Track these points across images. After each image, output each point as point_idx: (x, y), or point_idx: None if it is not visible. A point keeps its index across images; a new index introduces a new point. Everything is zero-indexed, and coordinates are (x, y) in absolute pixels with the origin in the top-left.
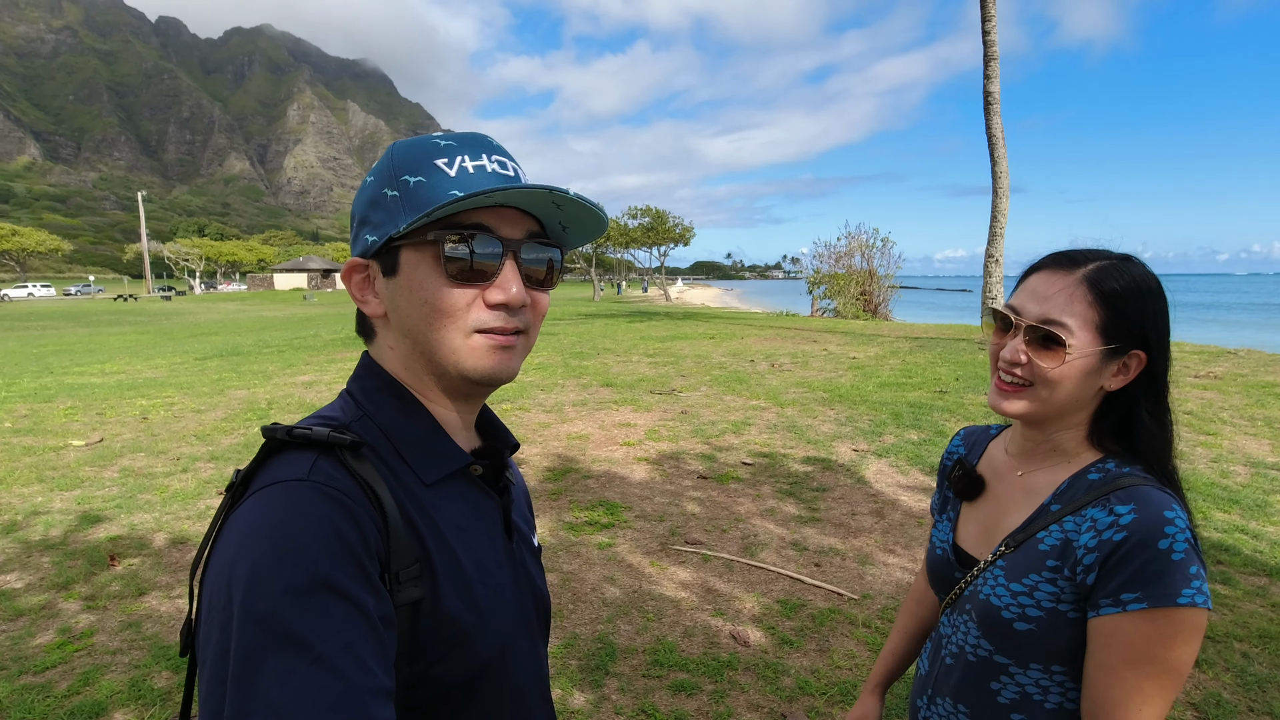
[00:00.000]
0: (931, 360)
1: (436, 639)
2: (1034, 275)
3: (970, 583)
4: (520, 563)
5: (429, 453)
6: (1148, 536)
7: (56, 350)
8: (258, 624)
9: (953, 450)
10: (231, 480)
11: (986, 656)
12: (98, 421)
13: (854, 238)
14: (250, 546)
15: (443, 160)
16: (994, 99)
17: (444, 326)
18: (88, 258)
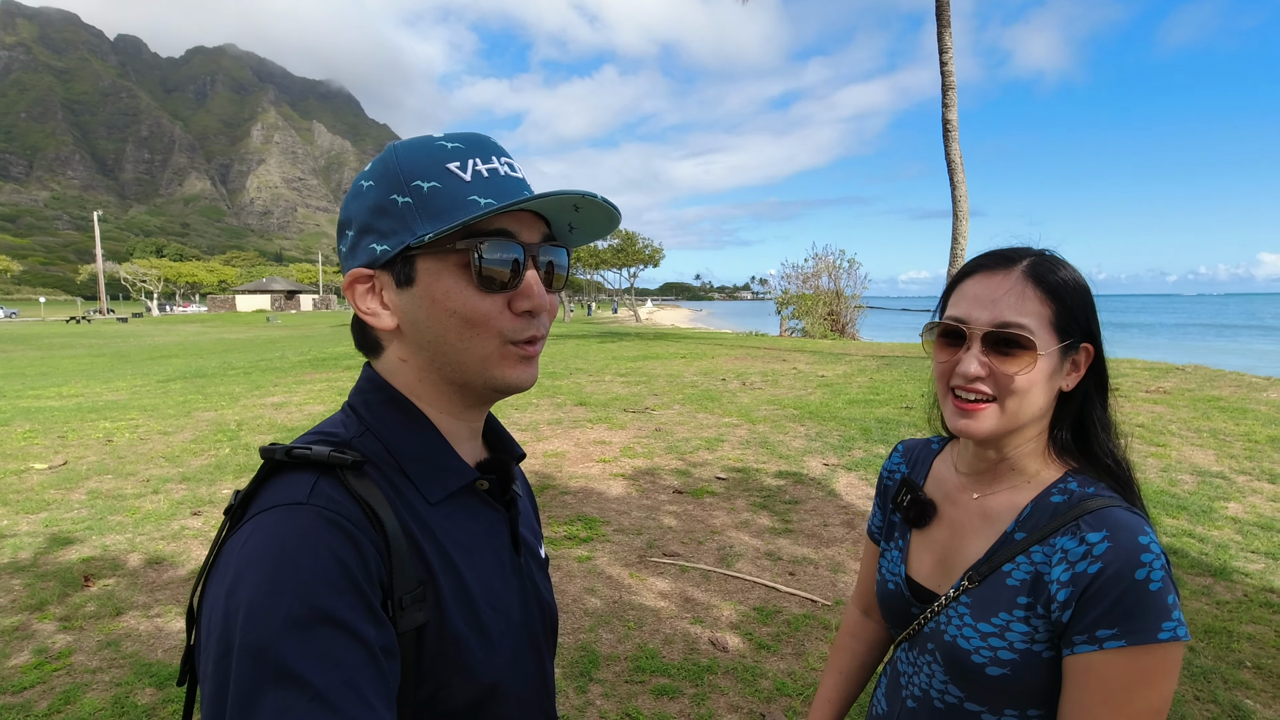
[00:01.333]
0: (898, 378)
1: (442, 662)
2: (970, 279)
3: (930, 619)
4: (528, 577)
5: (434, 469)
6: (1124, 567)
7: (6, 373)
8: (255, 658)
9: (892, 469)
10: (230, 503)
11: (956, 704)
12: (59, 444)
13: (821, 259)
14: (248, 575)
15: (454, 164)
16: (952, 126)
17: (474, 337)
18: (38, 278)
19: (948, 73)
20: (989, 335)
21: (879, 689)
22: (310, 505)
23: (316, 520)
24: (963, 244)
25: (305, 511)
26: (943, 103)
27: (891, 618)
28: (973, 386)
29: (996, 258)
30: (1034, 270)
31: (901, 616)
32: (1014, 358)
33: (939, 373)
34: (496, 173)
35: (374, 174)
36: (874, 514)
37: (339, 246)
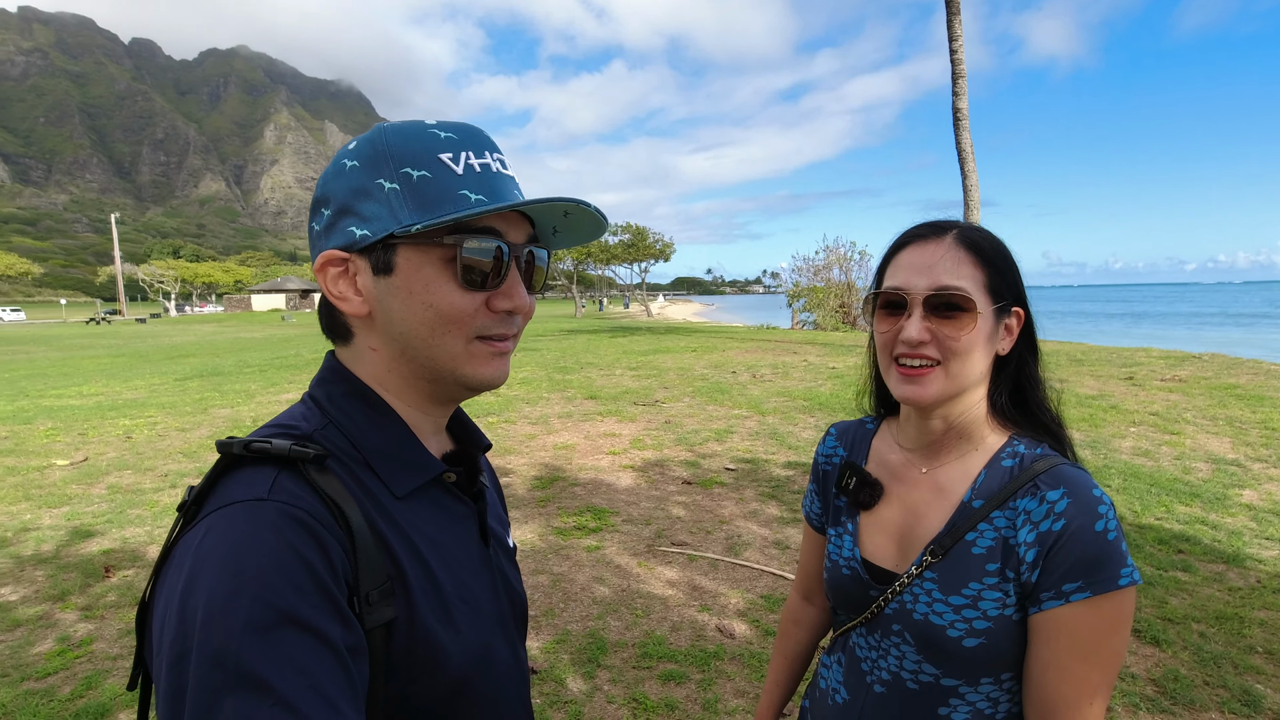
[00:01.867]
0: None
1: (413, 658)
2: (903, 251)
3: (892, 599)
4: (497, 568)
5: (400, 463)
6: (1086, 521)
7: (29, 374)
8: (215, 663)
9: (829, 452)
10: (183, 499)
11: (932, 681)
12: (80, 441)
13: (832, 251)
14: (205, 576)
15: (447, 155)
16: (963, 115)
17: (448, 332)
18: (59, 281)
19: (958, 61)
20: (930, 299)
21: (831, 677)
22: (272, 501)
23: (279, 517)
24: None
25: (267, 508)
26: (953, 91)
27: (845, 603)
28: (918, 351)
29: (927, 228)
30: (964, 237)
31: (858, 601)
32: (955, 320)
33: (882, 343)
34: (489, 168)
35: (359, 154)
36: (810, 500)
37: (311, 223)
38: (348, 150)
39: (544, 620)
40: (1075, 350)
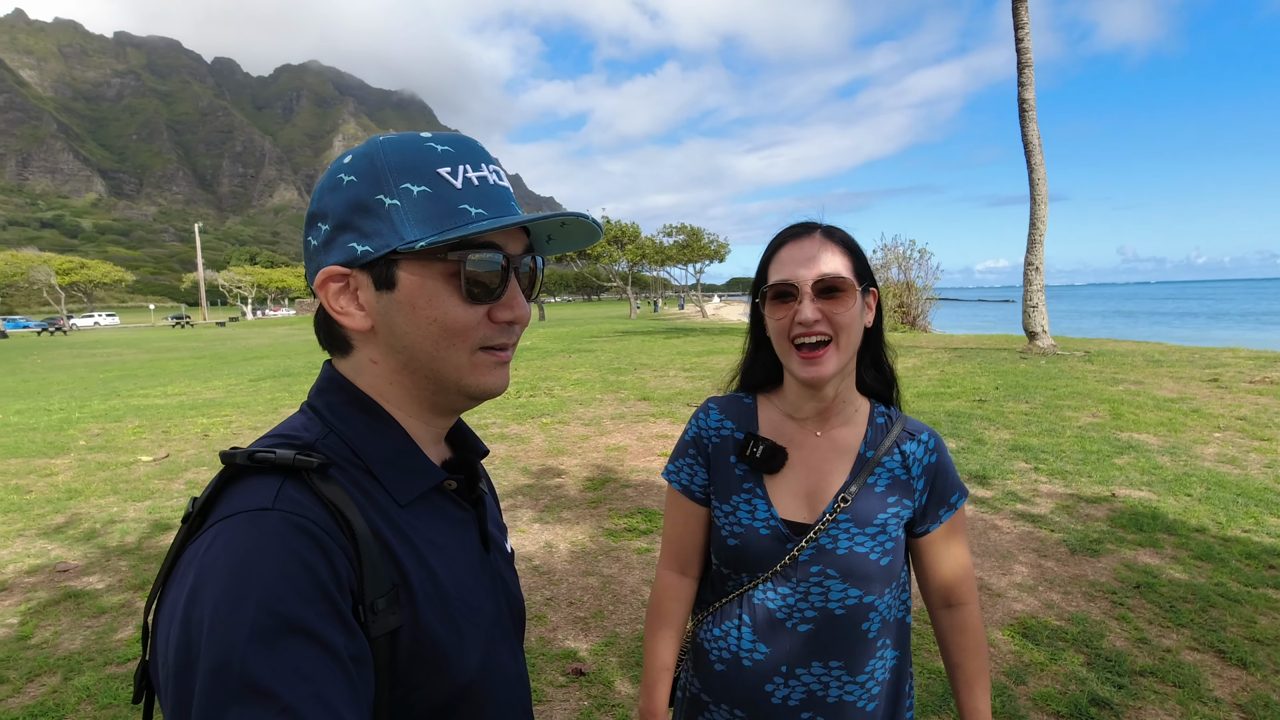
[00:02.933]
0: (971, 370)
1: (418, 664)
2: (781, 250)
3: (808, 546)
4: (497, 574)
5: (402, 470)
6: (943, 449)
7: (121, 375)
8: (219, 672)
9: (715, 425)
10: (188, 509)
11: (856, 603)
12: (163, 439)
13: (890, 250)
14: (210, 585)
15: (445, 169)
16: (1029, 106)
17: (453, 345)
18: (148, 287)
19: (1024, 50)
20: (816, 284)
21: (736, 640)
22: (276, 510)
23: (283, 526)
24: (1041, 229)
25: (271, 517)
26: (1019, 82)
27: (754, 563)
28: (813, 330)
29: (797, 229)
30: (829, 233)
31: (770, 557)
32: (838, 299)
33: (779, 330)
34: (486, 181)
35: (356, 169)
36: (690, 474)
37: (307, 238)
38: (343, 164)
39: (593, 622)
40: (1153, 350)
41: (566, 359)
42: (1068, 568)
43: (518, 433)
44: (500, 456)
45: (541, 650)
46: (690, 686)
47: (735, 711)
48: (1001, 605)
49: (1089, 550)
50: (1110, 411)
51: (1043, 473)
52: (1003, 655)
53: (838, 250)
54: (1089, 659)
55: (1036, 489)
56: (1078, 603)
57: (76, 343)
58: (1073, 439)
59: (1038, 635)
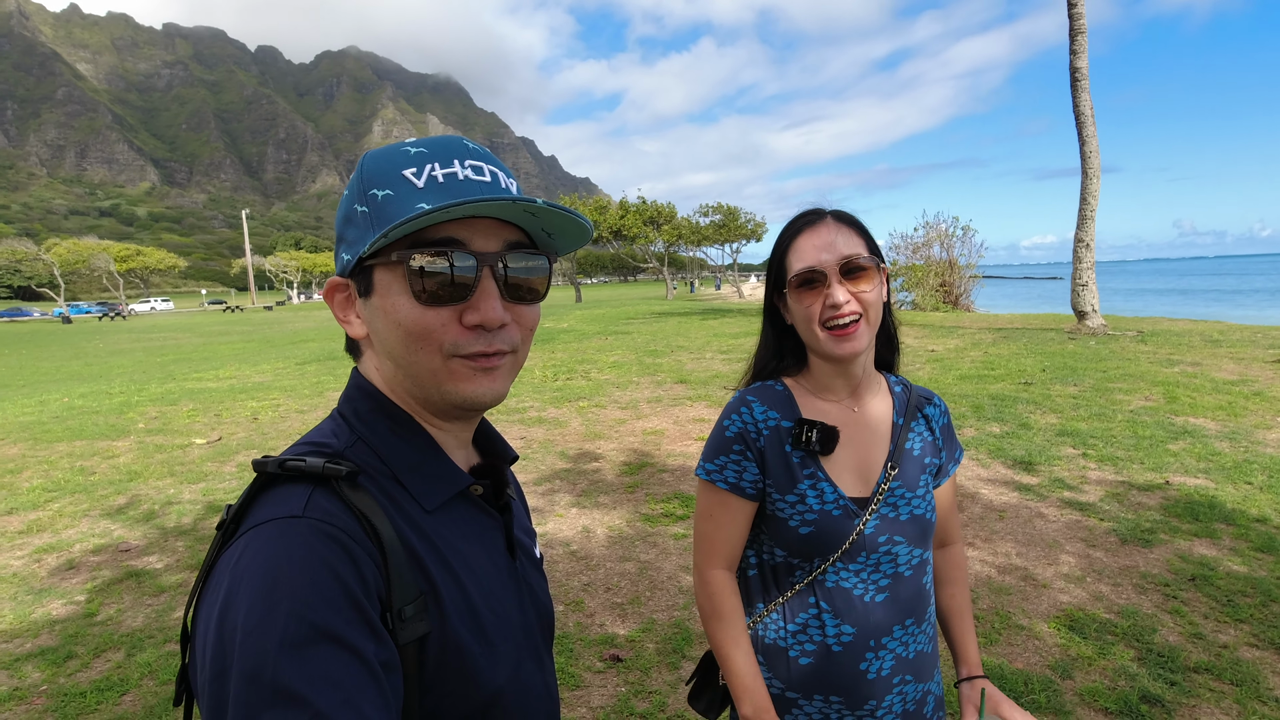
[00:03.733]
0: (1016, 351)
1: (446, 671)
2: (799, 238)
3: (870, 519)
4: (524, 579)
5: (428, 477)
6: (948, 411)
7: (177, 359)
8: (252, 679)
9: (760, 419)
10: (222, 517)
11: (920, 562)
12: (215, 422)
13: (932, 227)
14: (243, 592)
15: (410, 170)
16: (1082, 75)
17: (419, 349)
18: (200, 273)
19: (1076, 16)
20: (843, 267)
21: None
22: (306, 518)
23: (312, 534)
24: (1093, 204)
25: (301, 525)
26: (1070, 49)
27: (826, 546)
28: (844, 311)
29: (808, 217)
30: (840, 217)
31: (841, 537)
32: (863, 278)
33: (808, 315)
34: (454, 177)
35: (350, 184)
36: (738, 471)
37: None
38: (350, 182)
39: (630, 608)
40: (1211, 329)
41: (603, 341)
42: (1118, 558)
43: (555, 416)
44: (538, 440)
45: (579, 636)
46: (769, 690)
47: (831, 699)
48: (1047, 596)
49: (1141, 540)
50: (1165, 394)
51: (1092, 459)
52: (1048, 648)
53: (852, 232)
54: (1140, 654)
55: (1085, 476)
56: (1128, 595)
57: (134, 328)
58: (1124, 423)
59: (1085, 628)
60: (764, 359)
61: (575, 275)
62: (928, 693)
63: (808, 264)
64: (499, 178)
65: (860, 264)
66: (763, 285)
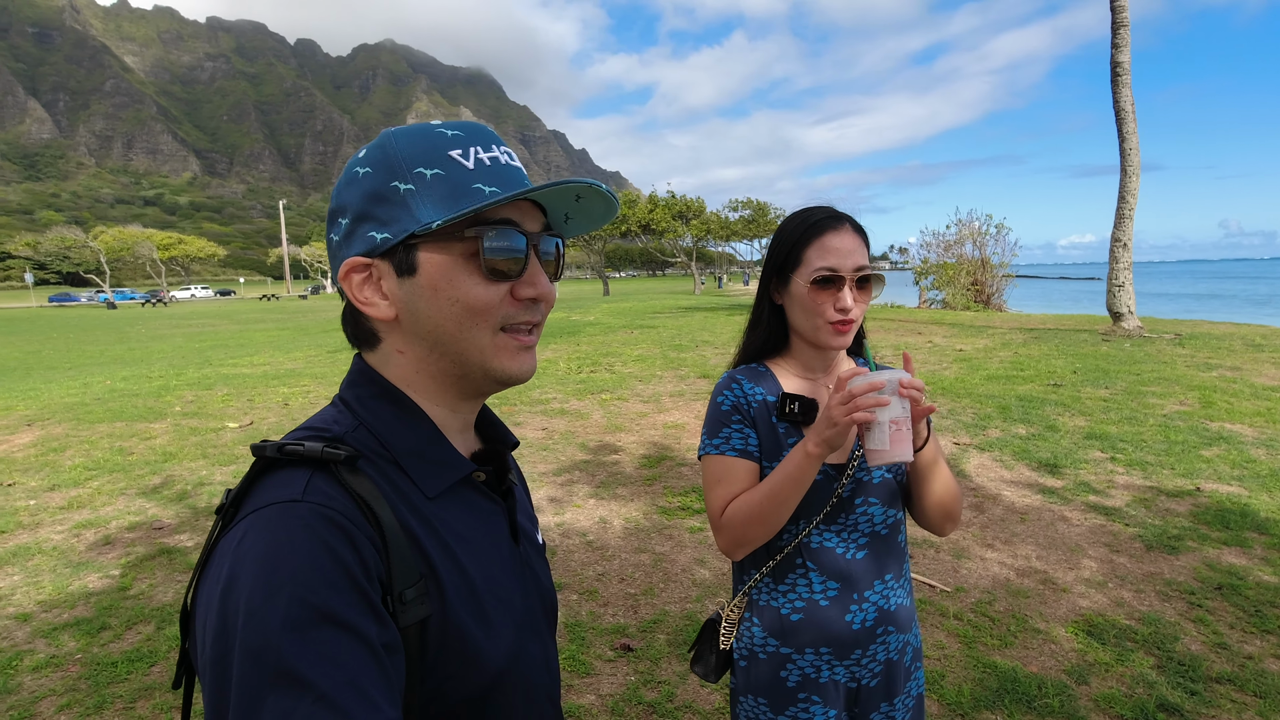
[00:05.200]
0: (1047, 352)
1: (447, 654)
2: (825, 236)
3: (847, 483)
4: (527, 564)
5: (430, 463)
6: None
7: (214, 345)
8: (255, 661)
9: (748, 393)
10: (221, 502)
11: (895, 521)
12: (248, 407)
13: (965, 225)
14: (244, 576)
15: (456, 152)
16: (1123, 70)
17: (475, 325)
18: (238, 261)
19: (1119, 8)
20: (859, 278)
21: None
22: (306, 502)
23: (312, 517)
24: (1132, 202)
25: (301, 509)
26: (1112, 43)
27: (810, 508)
28: (851, 315)
29: (834, 218)
30: (856, 227)
31: (820, 501)
32: (868, 289)
33: (817, 309)
34: (498, 161)
35: (370, 160)
36: (743, 438)
37: (329, 235)
38: (358, 159)
39: (643, 599)
40: (1253, 334)
41: (628, 335)
42: (1142, 564)
43: (577, 408)
44: (559, 431)
45: (591, 625)
46: (765, 648)
47: (821, 650)
48: (1066, 601)
49: (1167, 547)
50: (1200, 399)
51: (1120, 463)
52: (1064, 653)
53: (865, 246)
54: (1159, 662)
55: (1112, 480)
56: (1150, 602)
57: (175, 314)
58: (1156, 428)
59: (1104, 634)
60: (760, 340)
61: (603, 268)
62: (907, 643)
63: (830, 265)
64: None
65: (871, 276)
66: None
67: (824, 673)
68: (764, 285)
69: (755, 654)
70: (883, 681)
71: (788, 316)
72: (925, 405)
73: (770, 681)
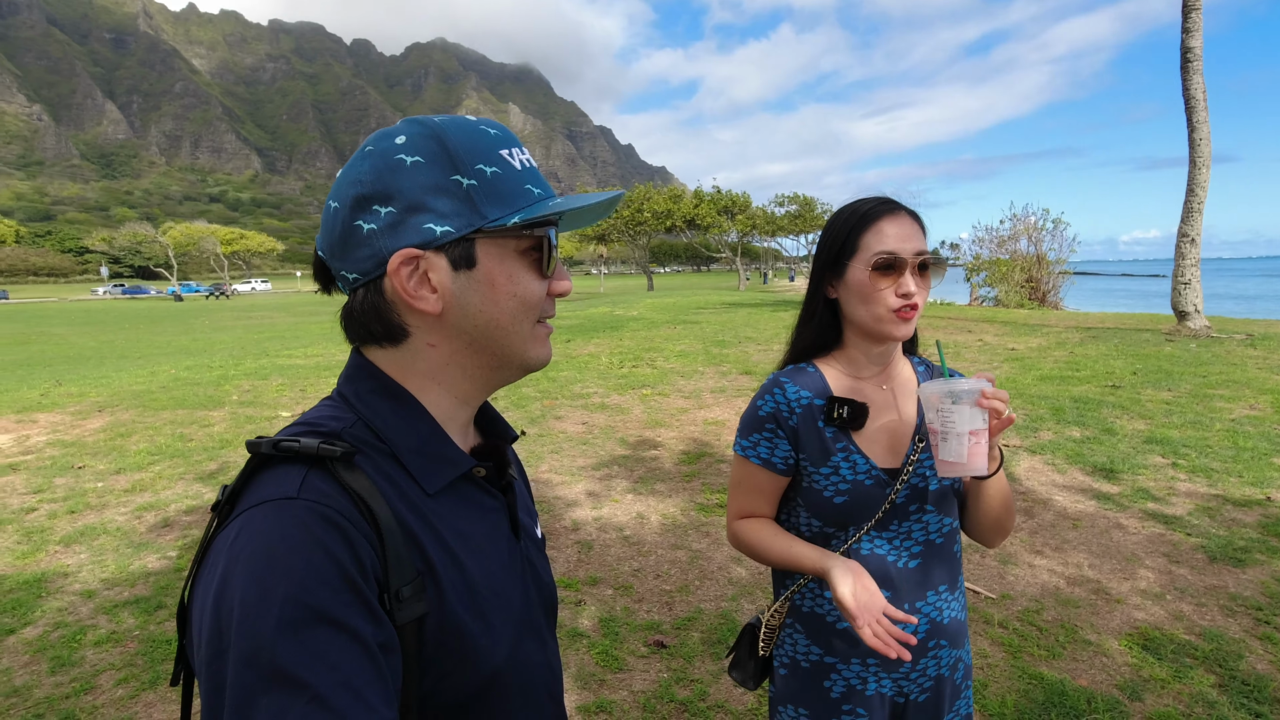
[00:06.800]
0: (1105, 352)
1: (445, 652)
2: (881, 221)
3: (902, 488)
4: (526, 560)
5: (430, 459)
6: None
7: (271, 336)
8: (249, 661)
9: (792, 398)
10: (218, 498)
11: (951, 530)
12: (300, 397)
13: (1020, 220)
14: (239, 574)
15: (505, 152)
16: (1194, 55)
17: (526, 318)
18: (296, 256)
19: None
20: (920, 262)
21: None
22: (301, 500)
23: (308, 515)
24: (1201, 195)
25: (296, 506)
26: (1183, 28)
27: (860, 515)
28: (914, 300)
29: (889, 205)
30: (912, 213)
31: (874, 506)
32: (928, 276)
33: (877, 297)
34: (530, 163)
35: (420, 150)
36: (770, 448)
37: (358, 221)
38: (397, 145)
39: (678, 596)
40: None
41: (671, 330)
42: (1204, 577)
43: (618, 403)
44: (599, 426)
45: (625, 620)
46: (809, 657)
47: (869, 661)
48: (1120, 612)
49: (1232, 559)
50: (1273, 403)
51: (1182, 469)
52: (1117, 667)
53: (922, 232)
54: (1221, 680)
55: (1173, 487)
56: (1213, 617)
57: (236, 306)
58: (1223, 433)
59: (1161, 648)
60: (812, 336)
61: (648, 264)
62: (959, 660)
63: (890, 249)
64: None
65: (931, 261)
66: None
67: (870, 684)
68: (816, 278)
69: (798, 662)
70: (932, 698)
71: (843, 310)
72: (1006, 416)
73: (813, 691)
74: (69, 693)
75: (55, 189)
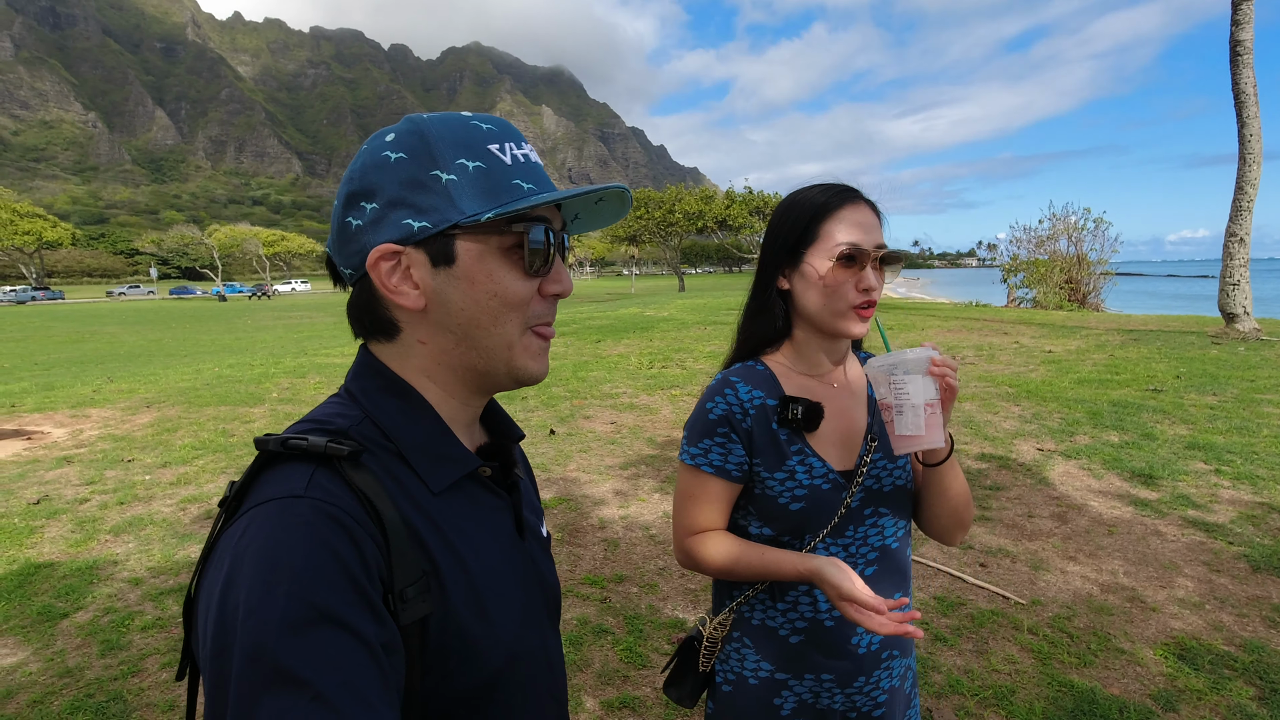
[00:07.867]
0: (1147, 355)
1: (448, 651)
2: (844, 209)
3: (856, 492)
4: (530, 560)
5: (435, 458)
6: None
7: (310, 336)
8: (252, 659)
9: (745, 399)
10: (225, 494)
11: (905, 532)
12: None
13: (1059, 219)
14: (244, 572)
15: (494, 146)
16: (1244, 49)
17: (508, 319)
18: None
19: None
20: (883, 256)
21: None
22: (307, 498)
23: (313, 513)
24: (1251, 193)
25: (302, 505)
26: (1232, 20)
27: (817, 521)
28: (873, 296)
29: (851, 193)
30: (872, 204)
31: (829, 511)
32: (888, 271)
33: (840, 287)
34: (529, 158)
35: (403, 146)
36: (723, 454)
37: (345, 218)
38: (385, 142)
39: (703, 594)
40: None
41: (701, 331)
42: (1246, 587)
43: (647, 403)
44: (628, 426)
45: (650, 618)
46: (758, 673)
47: (822, 676)
48: (1156, 621)
49: (1277, 569)
50: None
51: (1226, 476)
52: (1151, 677)
53: (880, 224)
54: (1261, 693)
55: (1215, 494)
56: (1255, 628)
57: (277, 306)
58: (1270, 439)
59: (1198, 659)
60: (764, 328)
61: (679, 264)
62: (908, 668)
63: (854, 240)
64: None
65: (895, 256)
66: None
67: (823, 699)
68: (768, 267)
69: (745, 679)
70: (885, 711)
71: (796, 302)
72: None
73: (761, 709)
74: (117, 674)
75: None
